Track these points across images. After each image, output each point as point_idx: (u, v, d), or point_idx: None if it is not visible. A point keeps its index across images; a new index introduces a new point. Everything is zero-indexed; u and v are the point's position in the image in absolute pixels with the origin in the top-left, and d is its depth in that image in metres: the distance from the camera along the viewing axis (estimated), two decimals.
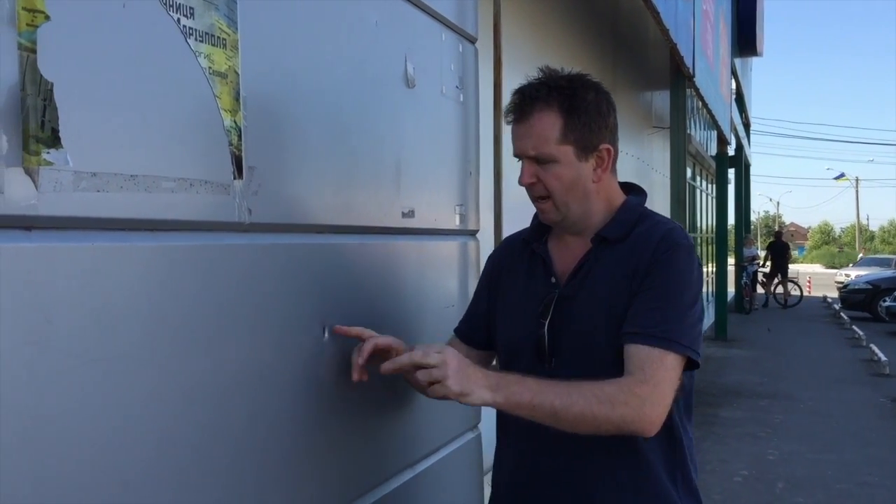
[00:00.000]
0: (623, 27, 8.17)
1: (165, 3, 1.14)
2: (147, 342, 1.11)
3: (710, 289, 14.20)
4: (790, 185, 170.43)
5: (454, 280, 2.17)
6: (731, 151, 16.55)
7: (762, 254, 21.42)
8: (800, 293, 20.38)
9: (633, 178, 1.77)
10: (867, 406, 8.18)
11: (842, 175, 63.35)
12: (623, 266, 1.57)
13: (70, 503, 0.99)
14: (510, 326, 1.71)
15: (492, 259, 1.86)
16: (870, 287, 17.92)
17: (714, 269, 14.25)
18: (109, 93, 1.05)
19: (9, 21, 0.91)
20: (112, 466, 1.05)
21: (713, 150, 15.58)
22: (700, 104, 11.47)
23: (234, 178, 1.28)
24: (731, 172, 17.45)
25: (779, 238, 21.63)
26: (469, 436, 2.24)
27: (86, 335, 1.01)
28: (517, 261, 1.75)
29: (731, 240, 18.91)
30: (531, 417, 1.46)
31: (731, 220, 17.45)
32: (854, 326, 14.57)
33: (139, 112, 1.09)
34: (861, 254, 45.97)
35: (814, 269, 42.44)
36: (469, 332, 1.81)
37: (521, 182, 1.62)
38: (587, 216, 1.64)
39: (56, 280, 0.97)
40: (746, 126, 21.05)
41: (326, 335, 1.55)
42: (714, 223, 15.74)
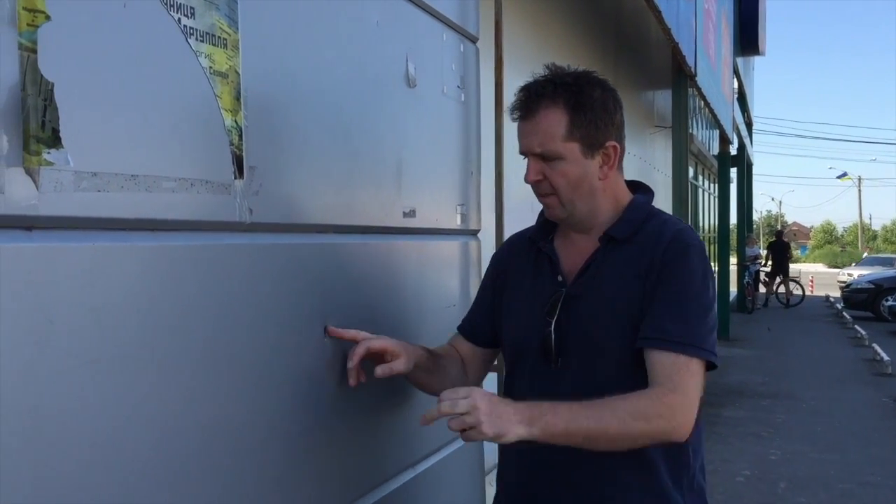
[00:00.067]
0: (625, 27, 8.16)
1: (166, 3, 1.14)
2: (147, 342, 1.11)
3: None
4: (793, 185, 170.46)
5: (455, 280, 2.17)
6: (734, 151, 16.53)
7: (764, 253, 21.40)
8: (802, 293, 20.36)
9: (636, 178, 1.76)
10: (870, 406, 8.17)
11: (844, 174, 63.26)
12: (633, 266, 1.57)
13: (70, 503, 0.99)
14: (516, 325, 1.70)
15: (497, 257, 1.85)
16: (872, 286, 17.90)
17: (716, 269, 14.23)
18: (110, 93, 1.05)
19: (9, 21, 0.91)
20: (112, 466, 1.05)
21: (715, 150, 15.57)
22: (702, 103, 11.46)
23: (235, 178, 1.28)
24: (734, 172, 17.43)
25: (779, 237, 21.58)
26: None
27: (86, 335, 1.01)
28: (523, 259, 1.74)
29: (734, 239, 18.89)
30: (567, 444, 1.44)
31: (734, 220, 17.42)
32: (856, 326, 14.55)
33: (140, 112, 1.09)
34: (865, 253, 45.93)
35: (816, 269, 42.34)
36: (473, 330, 1.81)
37: (527, 179, 1.61)
38: (594, 214, 1.63)
39: (57, 280, 0.97)
40: (749, 125, 21.04)
41: (327, 335, 1.55)
42: (716, 222, 15.73)
